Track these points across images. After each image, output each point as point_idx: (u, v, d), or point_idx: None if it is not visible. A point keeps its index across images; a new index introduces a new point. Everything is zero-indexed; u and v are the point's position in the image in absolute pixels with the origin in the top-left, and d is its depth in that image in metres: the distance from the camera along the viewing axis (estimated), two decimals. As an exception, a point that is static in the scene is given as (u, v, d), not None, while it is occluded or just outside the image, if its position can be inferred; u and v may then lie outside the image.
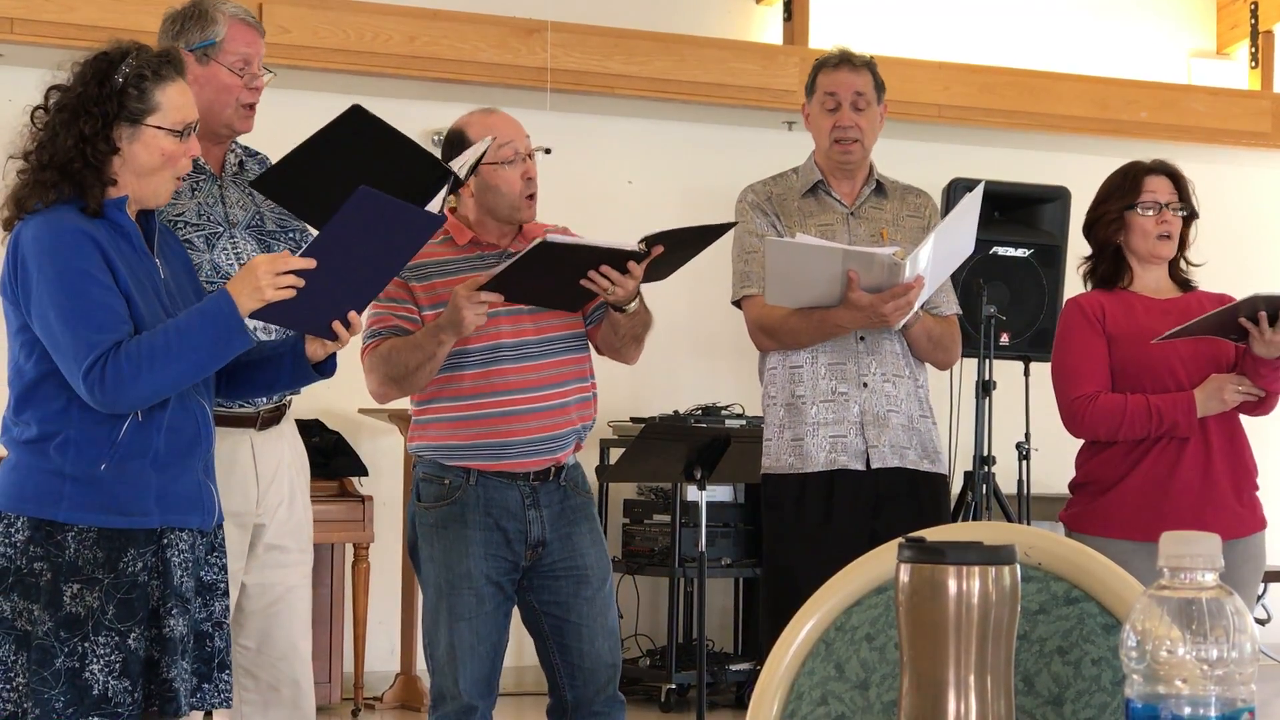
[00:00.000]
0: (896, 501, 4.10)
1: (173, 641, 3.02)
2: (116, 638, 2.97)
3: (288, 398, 3.69)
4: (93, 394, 2.95)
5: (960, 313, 4.44)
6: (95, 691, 2.94)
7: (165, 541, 3.05)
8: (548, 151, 3.94)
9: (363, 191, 3.02)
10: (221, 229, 3.57)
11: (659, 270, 3.81)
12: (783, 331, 4.12)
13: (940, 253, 3.95)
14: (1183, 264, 4.22)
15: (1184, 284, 4.22)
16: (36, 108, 3.10)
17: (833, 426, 4.10)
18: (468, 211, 3.93)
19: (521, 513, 3.82)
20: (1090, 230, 4.24)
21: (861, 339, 4.12)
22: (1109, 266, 4.19)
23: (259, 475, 3.59)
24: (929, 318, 4.15)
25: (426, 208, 3.32)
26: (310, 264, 3.00)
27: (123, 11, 6.34)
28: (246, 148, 3.76)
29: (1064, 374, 4.17)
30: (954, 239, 4.01)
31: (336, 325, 3.13)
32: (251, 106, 3.62)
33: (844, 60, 4.21)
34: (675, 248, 3.73)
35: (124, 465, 3.01)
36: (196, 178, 3.56)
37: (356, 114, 3.47)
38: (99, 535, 2.99)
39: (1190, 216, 4.18)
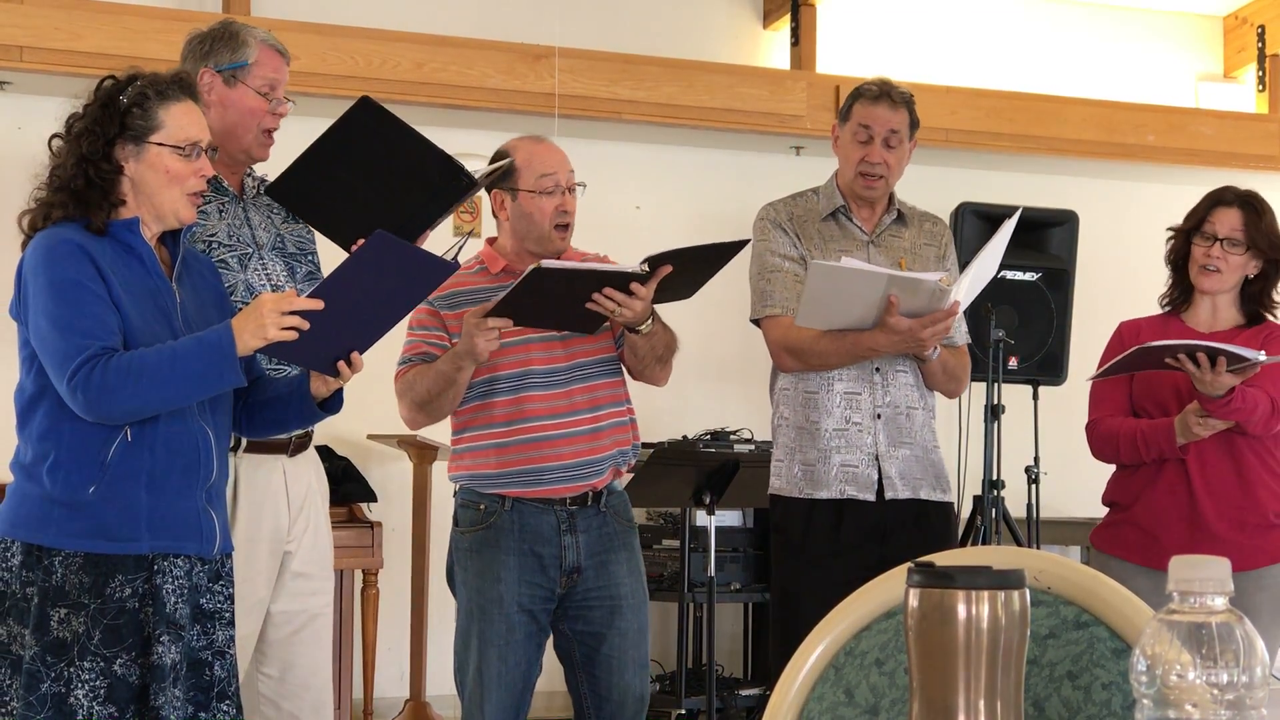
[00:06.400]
0: (905, 529, 4.07)
1: (161, 669, 2.99)
2: (102, 663, 2.96)
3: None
4: (74, 397, 2.94)
5: (970, 341, 4.42)
6: (80, 717, 2.93)
7: (156, 568, 3.02)
8: (583, 186, 3.94)
9: (379, 235, 3.00)
10: (251, 250, 3.57)
11: (678, 290, 3.78)
12: (811, 353, 4.07)
13: (975, 279, 3.95)
14: (1260, 301, 4.19)
15: (1253, 318, 4.20)
16: (54, 135, 3.11)
17: (845, 455, 4.07)
18: (505, 240, 3.94)
19: (556, 538, 3.81)
20: (1167, 250, 4.27)
21: (877, 369, 4.08)
22: (1176, 289, 4.23)
23: (290, 501, 3.58)
24: (944, 349, 4.11)
25: (443, 254, 3.29)
26: (318, 305, 3.00)
27: (131, 39, 6.36)
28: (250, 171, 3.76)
29: (1090, 397, 4.26)
30: (987, 266, 4.00)
31: (340, 364, 3.14)
32: (270, 134, 3.62)
33: (884, 94, 4.12)
34: (688, 267, 3.71)
35: (114, 488, 2.99)
36: (222, 200, 3.56)
37: (366, 106, 3.45)
38: (85, 560, 2.97)
39: (1265, 254, 4.14)
